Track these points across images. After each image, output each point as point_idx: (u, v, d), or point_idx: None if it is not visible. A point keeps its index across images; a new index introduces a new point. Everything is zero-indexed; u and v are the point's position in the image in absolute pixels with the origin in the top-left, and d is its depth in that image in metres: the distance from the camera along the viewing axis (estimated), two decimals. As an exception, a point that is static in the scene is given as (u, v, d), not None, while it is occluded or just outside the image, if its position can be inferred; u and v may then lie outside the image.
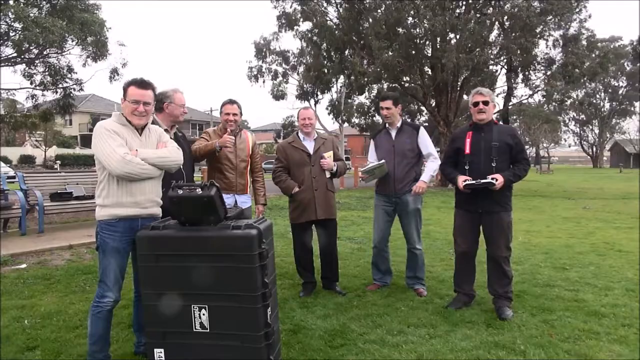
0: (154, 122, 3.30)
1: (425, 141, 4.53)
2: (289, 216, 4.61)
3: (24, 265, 5.55)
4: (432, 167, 4.50)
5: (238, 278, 2.47)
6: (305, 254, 4.60)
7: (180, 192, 2.51)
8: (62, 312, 4.02)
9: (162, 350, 2.58)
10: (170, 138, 3.30)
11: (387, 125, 4.63)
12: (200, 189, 2.50)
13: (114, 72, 16.84)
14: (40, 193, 7.04)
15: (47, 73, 15.74)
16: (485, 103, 3.91)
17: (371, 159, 4.68)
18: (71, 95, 16.43)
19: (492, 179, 3.71)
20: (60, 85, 15.97)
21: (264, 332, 2.49)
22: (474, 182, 3.76)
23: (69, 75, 15.95)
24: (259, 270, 2.46)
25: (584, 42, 20.49)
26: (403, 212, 4.55)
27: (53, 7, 13.57)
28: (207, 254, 2.49)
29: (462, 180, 3.83)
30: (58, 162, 35.90)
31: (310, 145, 4.46)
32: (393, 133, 4.57)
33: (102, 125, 2.83)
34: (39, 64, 15.51)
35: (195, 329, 2.54)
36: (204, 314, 2.52)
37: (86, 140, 50.33)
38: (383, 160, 4.45)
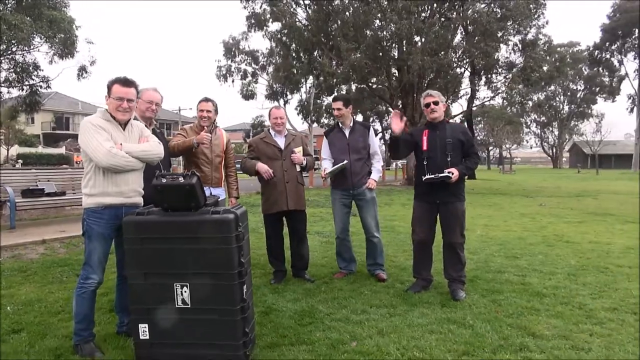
0: (135, 118, 3.54)
1: (373, 140, 4.96)
2: (261, 207, 4.89)
3: (-2, 259, 5.65)
4: (378, 167, 4.98)
5: (217, 258, 2.74)
6: (277, 244, 4.90)
7: (164, 180, 2.77)
8: (43, 299, 4.20)
9: (146, 325, 2.83)
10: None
11: (340, 124, 4.98)
12: (182, 178, 2.77)
13: (82, 70, 16.67)
14: (11, 189, 7.09)
15: (12, 70, 15.49)
16: (436, 103, 4.30)
17: (325, 155, 5.05)
18: (37, 92, 16.20)
19: (449, 172, 4.09)
20: (26, 83, 15.73)
21: (240, 306, 2.78)
22: (433, 176, 4.13)
23: (35, 73, 15.73)
24: (236, 250, 2.75)
25: (543, 47, 21.46)
26: (360, 203, 4.92)
27: (19, 3, 13.41)
28: (188, 237, 2.76)
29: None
30: (20, 161, 34.96)
31: (281, 141, 4.77)
32: (347, 132, 4.93)
33: (89, 121, 3.06)
34: (4, 61, 15.24)
35: (178, 305, 2.80)
36: (185, 291, 2.78)
37: (49, 139, 49.11)
38: (346, 162, 4.79)
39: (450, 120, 4.61)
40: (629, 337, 3.33)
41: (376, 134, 5.15)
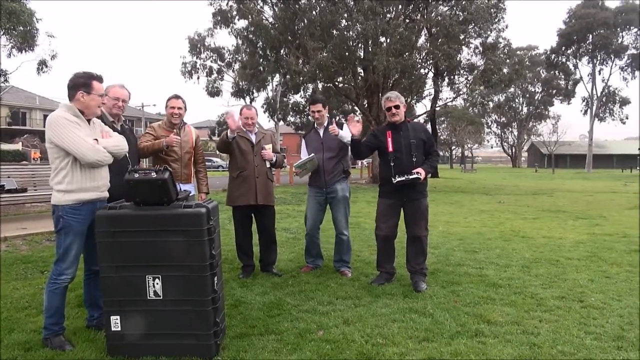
0: (103, 115, 3.59)
1: (345, 134, 4.95)
2: (229, 199, 4.92)
3: (-43, 257, 5.52)
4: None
5: (189, 250, 2.84)
6: (246, 240, 4.99)
7: (137, 175, 2.84)
8: (8, 296, 4.16)
9: (118, 317, 2.89)
10: (117, 130, 3.59)
11: (315, 125, 5.11)
12: (154, 173, 2.84)
13: (42, 64, 16.18)
14: (-31, 186, 6.91)
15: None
16: (397, 107, 4.49)
17: (303, 156, 5.15)
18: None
19: (417, 173, 4.29)
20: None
21: (212, 297, 2.88)
22: (404, 178, 4.31)
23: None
24: (208, 243, 2.85)
25: (503, 50, 22.19)
26: (333, 201, 5.05)
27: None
28: (161, 230, 2.84)
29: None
30: (-28, 157, 33.50)
31: (252, 138, 4.86)
32: (321, 132, 5.05)
33: (62, 117, 3.04)
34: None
35: (150, 297, 2.88)
36: (157, 283, 2.86)
37: (4, 135, 47.20)
38: (313, 155, 4.92)
39: (411, 119, 4.80)
40: (574, 322, 3.60)
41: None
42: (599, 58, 48.25)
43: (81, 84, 3.12)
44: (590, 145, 51.60)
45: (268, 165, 4.91)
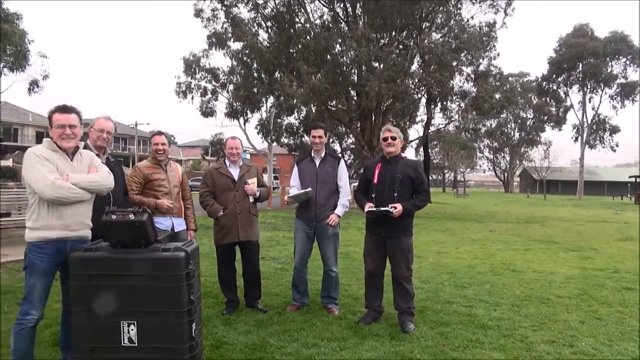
0: (86, 147, 3.49)
1: (342, 174, 4.97)
2: (214, 237, 4.88)
3: None
4: (344, 201, 4.96)
5: (166, 296, 2.73)
6: (229, 274, 4.88)
7: (114, 217, 2.74)
8: (-20, 332, 4.00)
9: (90, 364, 2.76)
10: (102, 162, 3.49)
11: (312, 153, 5.04)
12: (132, 215, 2.75)
13: (34, 84, 16.12)
14: (-50, 210, 6.76)
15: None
16: (393, 138, 4.46)
17: (294, 182, 5.06)
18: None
19: (392, 207, 4.21)
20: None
21: (189, 345, 2.77)
22: (374, 209, 4.26)
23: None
24: (186, 288, 2.75)
25: (495, 77, 22.47)
26: (322, 236, 4.95)
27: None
28: (137, 274, 2.74)
29: (367, 207, 4.33)
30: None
31: (235, 172, 4.78)
32: (317, 161, 4.96)
33: (32, 152, 2.99)
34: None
35: (124, 343, 2.76)
36: (132, 329, 2.75)
37: (-5, 151, 46.88)
38: (310, 189, 4.83)
39: (406, 156, 4.75)
40: (565, 371, 3.50)
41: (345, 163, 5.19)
42: (589, 86, 48.92)
43: (48, 118, 3.08)
44: (581, 172, 51.95)
45: (252, 200, 4.83)
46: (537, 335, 4.30)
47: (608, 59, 47.24)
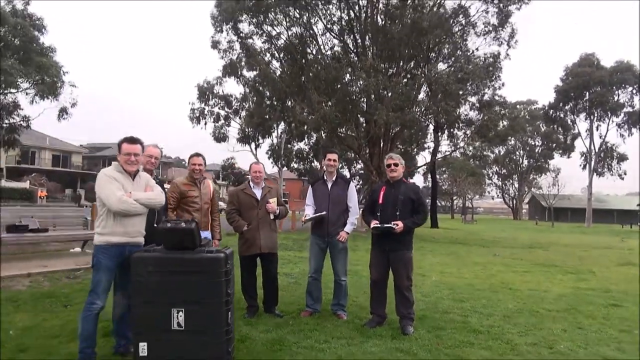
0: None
1: (352, 195, 5.67)
2: (238, 250, 5.54)
3: (-13, 290, 6.04)
4: (352, 220, 5.63)
5: (208, 289, 3.40)
6: (251, 282, 5.53)
7: (169, 225, 3.44)
8: (39, 326, 4.68)
9: (146, 344, 3.42)
10: None
11: (325, 176, 5.74)
12: (184, 223, 3.44)
13: (63, 111, 17.17)
14: (-2, 225, 7.52)
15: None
16: (395, 165, 5.16)
17: (309, 202, 5.75)
18: (17, 130, 16.54)
19: (394, 224, 4.88)
20: (6, 121, 16.09)
21: (226, 329, 3.42)
22: (379, 225, 4.93)
23: (15, 112, 16.10)
24: (224, 283, 3.42)
25: (500, 106, 23.21)
26: (334, 250, 5.61)
27: (6, 47, 13.96)
28: (186, 271, 3.41)
29: (373, 223, 5.00)
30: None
31: (258, 193, 5.49)
32: (329, 184, 5.67)
33: (104, 173, 3.73)
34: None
35: (174, 327, 3.42)
36: (180, 316, 3.41)
37: (13, 173, 48.20)
38: (324, 213, 5.52)
39: (408, 181, 5.44)
40: (541, 365, 4.09)
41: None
42: (596, 115, 49.49)
43: (118, 145, 3.82)
44: (590, 199, 52.10)
45: (272, 217, 5.51)
46: (522, 339, 4.88)
47: (614, 88, 47.89)
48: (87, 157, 60.93)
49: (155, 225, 4.11)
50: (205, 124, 37.94)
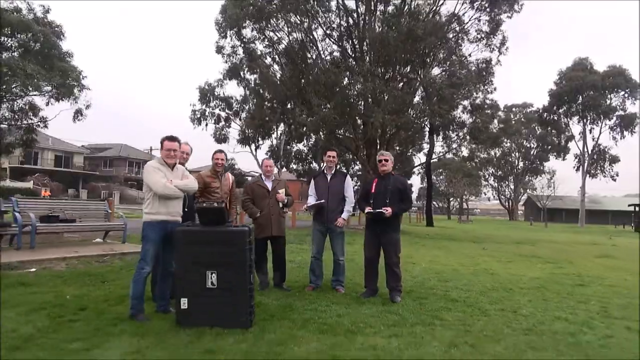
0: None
1: (348, 187, 6.59)
2: (254, 232, 6.44)
3: (33, 269, 6.95)
4: (348, 208, 6.54)
5: (235, 255, 4.32)
6: (263, 261, 6.45)
7: (205, 204, 4.36)
8: (87, 295, 5.58)
9: (186, 299, 4.33)
10: None
11: (325, 170, 6.67)
12: (216, 204, 4.36)
13: (78, 112, 18.12)
14: (34, 215, 8.41)
15: (10, 110, 16.72)
16: (386, 160, 6.09)
17: (311, 192, 6.68)
18: (34, 131, 17.46)
19: (385, 209, 5.81)
20: (24, 122, 17.02)
21: (249, 287, 4.34)
22: (372, 210, 5.86)
23: (32, 113, 17.04)
24: (248, 251, 4.34)
25: (493, 109, 24.19)
26: (332, 234, 6.54)
27: (27, 51, 14.90)
28: (218, 241, 4.33)
29: (367, 209, 5.93)
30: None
31: (269, 184, 6.42)
32: (329, 177, 6.60)
33: (150, 165, 4.65)
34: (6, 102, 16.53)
35: (208, 285, 4.33)
36: (213, 276, 4.32)
37: (17, 173, 49.03)
38: (323, 201, 6.44)
39: (396, 174, 6.38)
40: (504, 321, 5.04)
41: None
42: (589, 118, 50.53)
43: (161, 142, 4.74)
44: (583, 200, 53.13)
45: (281, 205, 6.43)
46: (491, 307, 5.81)
47: (607, 92, 48.90)
48: (89, 157, 61.77)
49: (185, 210, 5.04)
50: (206, 125, 38.78)
